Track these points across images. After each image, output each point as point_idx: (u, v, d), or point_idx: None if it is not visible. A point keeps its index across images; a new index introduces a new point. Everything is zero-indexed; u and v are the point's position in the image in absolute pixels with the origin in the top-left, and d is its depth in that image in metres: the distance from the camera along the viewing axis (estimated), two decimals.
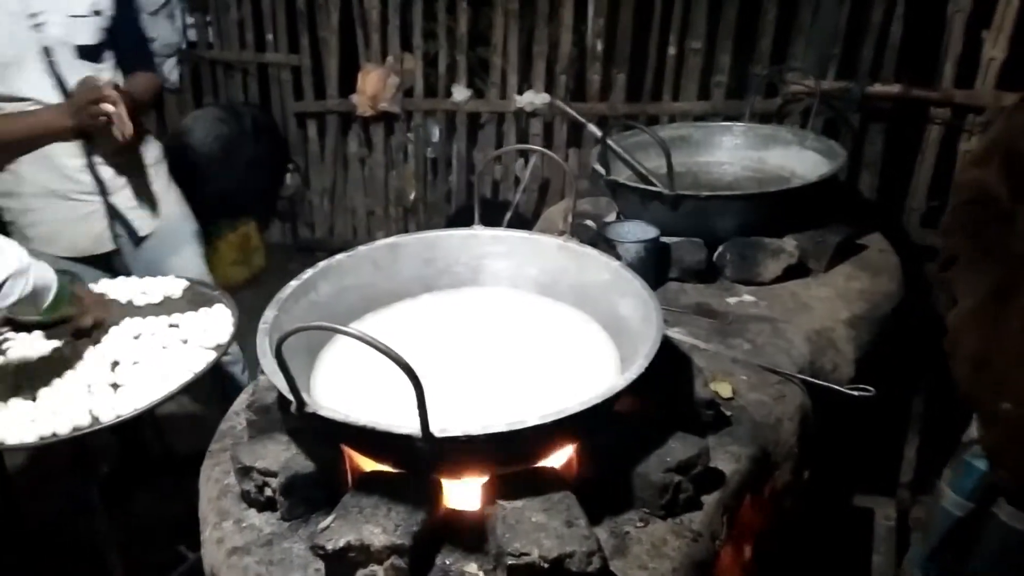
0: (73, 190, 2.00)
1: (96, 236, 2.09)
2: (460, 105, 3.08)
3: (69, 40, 1.89)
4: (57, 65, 1.88)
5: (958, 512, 1.39)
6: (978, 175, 1.37)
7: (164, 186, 2.21)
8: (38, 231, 2.04)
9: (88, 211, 2.04)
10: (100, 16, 1.94)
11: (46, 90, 1.89)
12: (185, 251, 2.23)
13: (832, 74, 2.44)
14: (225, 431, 1.38)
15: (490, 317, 1.45)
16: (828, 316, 1.68)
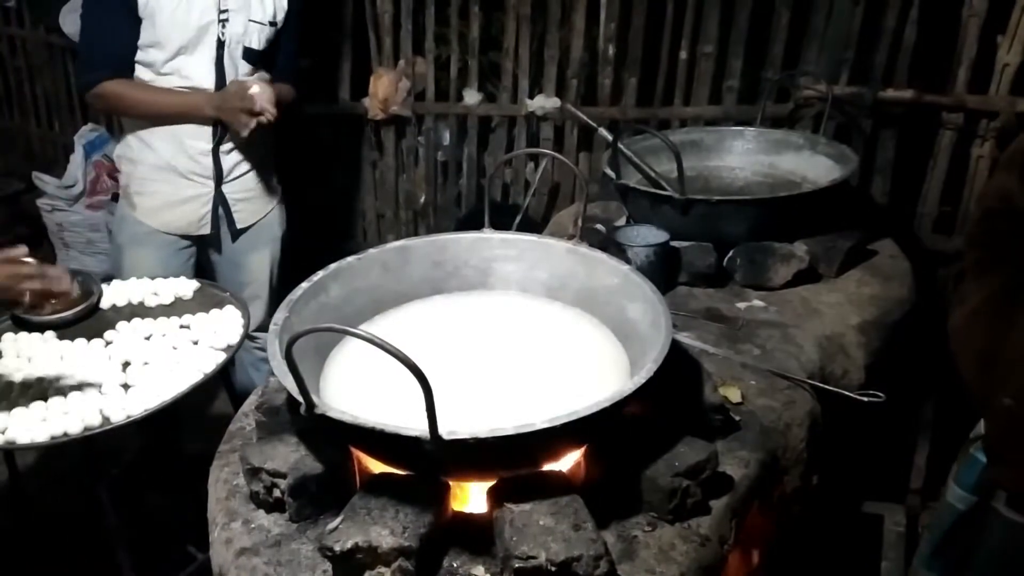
0: (191, 170, 2.14)
1: (196, 219, 2.21)
2: (471, 109, 3.08)
3: (243, 41, 2.07)
4: (224, 59, 2.06)
5: (961, 506, 1.38)
6: (1002, 182, 1.35)
7: (272, 184, 2.33)
8: (146, 201, 2.18)
9: (197, 194, 2.17)
10: (273, 27, 2.13)
11: (206, 77, 2.06)
12: (266, 251, 2.33)
13: (844, 79, 2.43)
14: (234, 432, 1.39)
15: (499, 320, 1.45)
16: (839, 321, 1.67)
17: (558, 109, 2.89)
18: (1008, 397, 1.23)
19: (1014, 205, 1.31)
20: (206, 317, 1.78)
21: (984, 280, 1.31)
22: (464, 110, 3.10)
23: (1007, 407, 1.23)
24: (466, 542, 1.09)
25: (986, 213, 1.39)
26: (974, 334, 1.30)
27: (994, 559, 1.35)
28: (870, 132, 2.44)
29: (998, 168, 1.40)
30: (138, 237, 2.19)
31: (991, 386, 1.26)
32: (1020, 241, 1.29)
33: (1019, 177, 1.31)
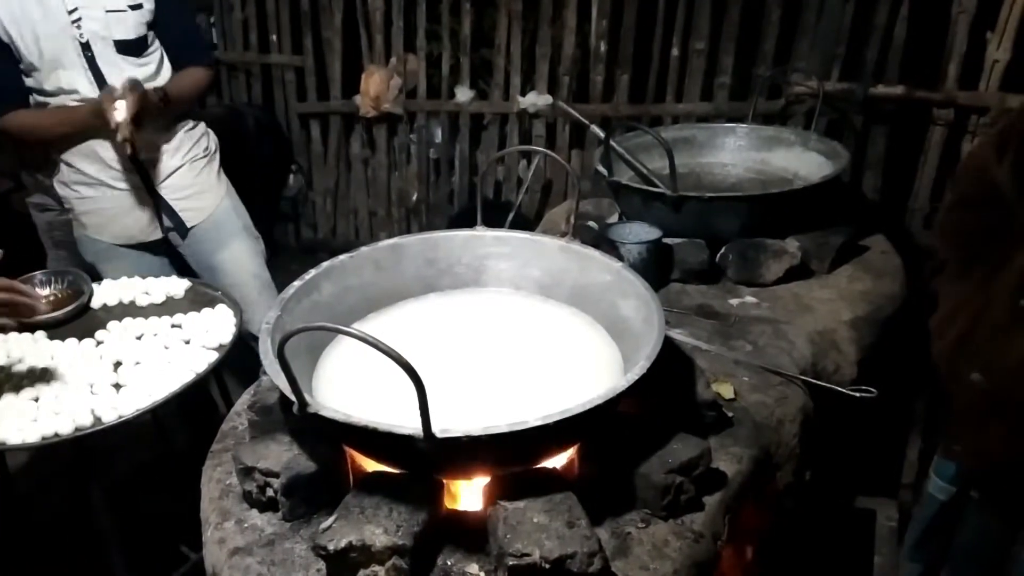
0: (119, 180, 2.07)
1: (144, 225, 2.15)
2: (463, 106, 3.08)
3: (107, 35, 1.93)
4: (96, 60, 1.93)
5: (942, 496, 1.40)
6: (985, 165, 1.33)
7: (214, 179, 2.24)
8: (91, 219, 2.12)
9: (135, 201, 2.11)
10: (140, 10, 1.97)
11: (85, 85, 1.94)
12: (234, 246, 2.25)
13: (836, 75, 2.44)
14: (227, 431, 1.38)
15: (492, 318, 1.45)
16: (830, 317, 1.68)
17: (550, 106, 2.89)
18: (976, 372, 1.24)
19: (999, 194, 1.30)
20: (198, 316, 1.77)
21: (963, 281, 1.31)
22: (456, 107, 3.10)
23: (975, 382, 1.24)
24: (460, 540, 1.09)
25: (962, 199, 1.37)
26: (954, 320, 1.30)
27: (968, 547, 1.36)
28: (861, 128, 2.45)
29: (979, 151, 1.37)
30: (101, 254, 2.15)
31: (962, 363, 1.27)
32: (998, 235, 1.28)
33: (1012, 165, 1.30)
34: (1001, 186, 1.29)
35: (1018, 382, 1.18)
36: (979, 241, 1.31)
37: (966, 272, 1.32)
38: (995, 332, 1.22)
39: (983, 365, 1.23)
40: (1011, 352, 1.19)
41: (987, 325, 1.24)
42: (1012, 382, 1.19)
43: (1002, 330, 1.21)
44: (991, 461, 1.26)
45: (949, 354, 1.31)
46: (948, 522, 1.40)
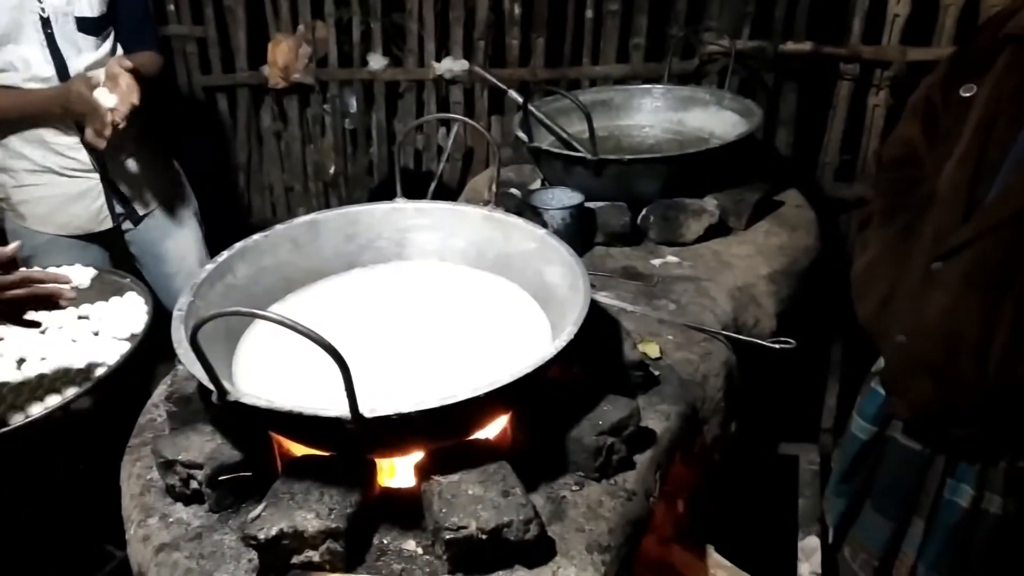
0: (68, 167, 1.95)
1: (93, 214, 2.04)
2: (377, 74, 2.99)
3: (69, 11, 1.84)
4: (55, 37, 1.83)
5: (863, 436, 1.47)
6: (906, 131, 1.42)
7: (163, 165, 2.16)
8: (32, 208, 1.99)
9: (84, 188, 1.99)
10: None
11: (42, 64, 1.83)
12: (182, 233, 2.19)
13: (746, 33, 2.47)
14: (144, 424, 1.32)
15: (417, 291, 1.43)
16: (749, 273, 1.72)
17: (467, 72, 2.84)
18: (901, 334, 1.30)
19: (916, 152, 1.38)
20: (106, 306, 1.68)
21: (885, 228, 1.38)
22: (370, 75, 3.01)
23: (900, 343, 1.31)
24: (396, 517, 1.08)
25: (891, 161, 1.46)
26: (876, 279, 1.37)
27: (889, 481, 1.44)
28: (773, 85, 2.49)
29: (902, 119, 1.47)
30: (42, 247, 2.02)
31: (888, 325, 1.33)
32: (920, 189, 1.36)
33: (921, 125, 1.37)
34: (917, 144, 1.37)
35: (934, 340, 1.25)
36: (902, 193, 1.38)
37: (887, 221, 1.38)
38: (912, 295, 1.28)
39: (908, 328, 1.29)
40: (928, 313, 1.25)
41: (905, 288, 1.30)
42: (930, 341, 1.25)
43: (918, 291, 1.27)
44: (923, 414, 1.33)
45: (874, 317, 1.37)
46: (870, 459, 1.47)
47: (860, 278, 1.41)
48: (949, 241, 1.21)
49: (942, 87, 1.35)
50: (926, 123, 1.37)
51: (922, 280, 1.25)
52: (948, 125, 1.31)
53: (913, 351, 1.28)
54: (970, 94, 1.27)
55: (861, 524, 1.49)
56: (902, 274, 1.31)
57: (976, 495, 1.31)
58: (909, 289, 1.28)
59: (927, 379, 1.27)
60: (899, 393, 1.35)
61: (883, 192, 1.46)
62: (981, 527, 1.33)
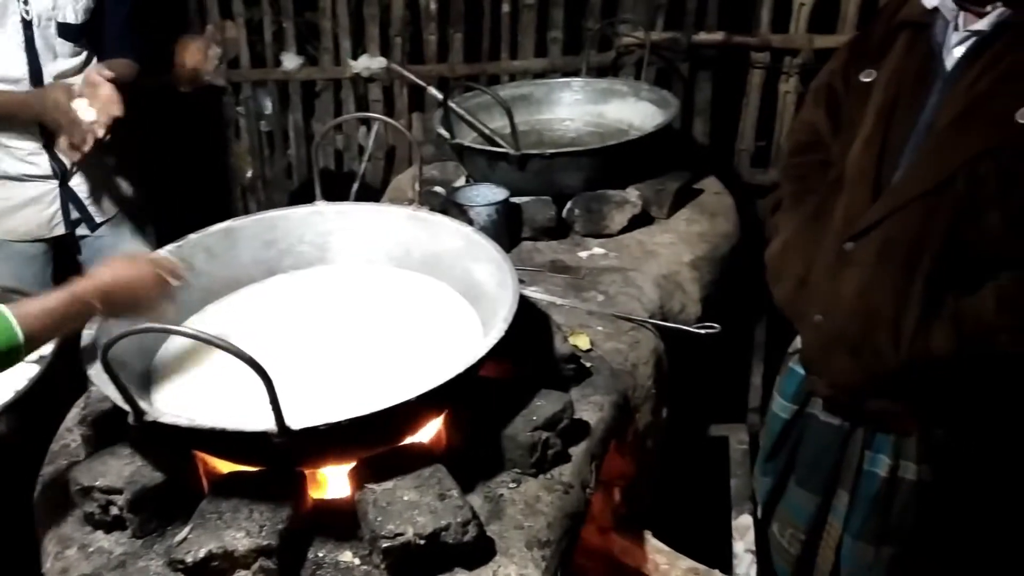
0: (25, 172, 1.85)
1: (45, 220, 1.93)
2: (291, 74, 2.92)
3: (55, 15, 1.77)
4: (36, 40, 1.75)
5: (785, 414, 1.52)
6: (809, 116, 1.47)
7: (128, 175, 2.06)
8: None
9: (37, 194, 1.89)
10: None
11: (14, 64, 1.75)
12: (135, 244, 2.08)
13: (661, 25, 2.51)
14: (57, 451, 1.26)
15: (342, 295, 1.40)
16: (673, 260, 1.75)
17: (384, 69, 2.80)
18: (818, 314, 1.35)
19: (821, 137, 1.44)
20: None
21: (796, 211, 1.42)
22: (284, 75, 2.94)
23: (817, 323, 1.35)
24: (330, 529, 1.05)
25: (797, 146, 1.51)
26: (789, 261, 1.41)
27: (811, 457, 1.50)
28: (688, 75, 2.54)
29: (805, 104, 1.52)
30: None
31: (805, 305, 1.38)
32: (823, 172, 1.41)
33: (824, 110, 1.43)
34: (821, 129, 1.42)
35: (850, 318, 1.29)
36: (810, 177, 1.43)
37: (797, 204, 1.43)
38: (827, 275, 1.32)
39: (824, 308, 1.34)
40: (842, 291, 1.29)
41: (820, 269, 1.34)
42: (845, 318, 1.30)
43: (832, 271, 1.31)
44: (842, 389, 1.38)
45: (790, 298, 1.41)
46: (792, 437, 1.52)
47: (775, 261, 1.45)
48: (860, 221, 1.26)
49: (843, 73, 1.41)
50: (829, 108, 1.43)
51: (836, 260, 1.30)
52: (851, 110, 1.36)
53: (830, 329, 1.33)
54: (870, 79, 1.33)
55: (787, 500, 1.54)
56: (816, 255, 1.35)
57: (893, 464, 1.37)
58: (823, 269, 1.33)
59: (844, 355, 1.32)
60: (818, 371, 1.40)
61: (791, 177, 1.51)
62: (899, 494, 1.39)
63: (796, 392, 1.49)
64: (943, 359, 1.23)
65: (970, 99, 1.18)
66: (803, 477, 1.50)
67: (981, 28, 1.19)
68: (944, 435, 1.35)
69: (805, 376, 1.45)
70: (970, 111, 1.18)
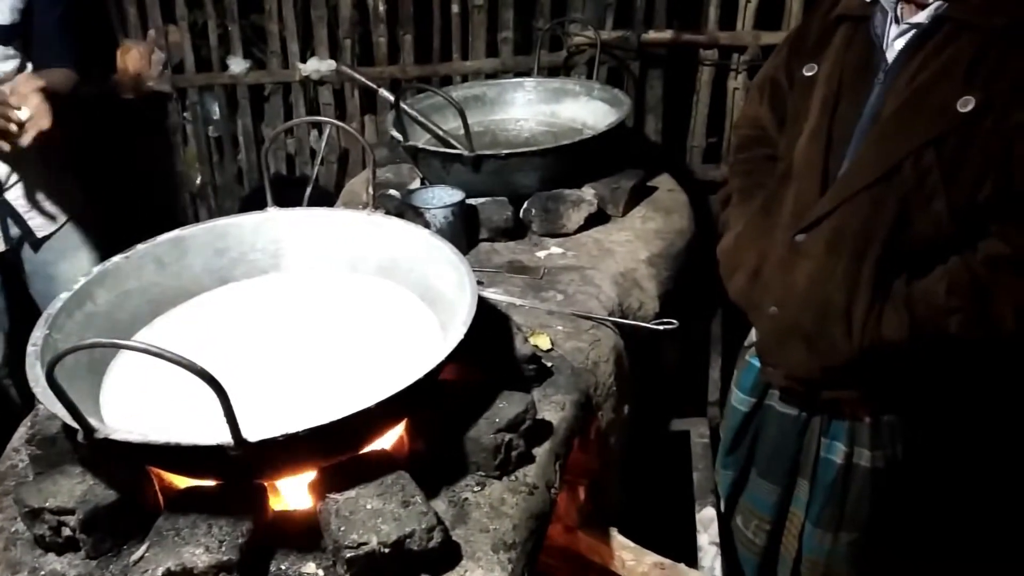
0: None
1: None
2: (239, 77, 2.87)
3: None
4: None
5: (743, 407, 1.54)
6: (753, 111, 1.50)
7: (69, 185, 1.97)
8: None
9: None
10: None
11: None
12: (79, 256, 2.00)
13: (610, 24, 2.53)
14: (4, 472, 1.21)
15: (297, 303, 1.37)
16: (630, 258, 1.76)
17: (334, 72, 2.76)
18: (773, 305, 1.37)
19: (766, 131, 1.46)
20: None
21: (746, 206, 1.45)
22: (231, 79, 2.89)
23: (772, 315, 1.38)
24: (293, 541, 1.03)
25: (743, 141, 1.54)
26: (742, 255, 1.43)
27: (771, 448, 1.52)
28: (639, 73, 2.57)
29: (748, 99, 1.54)
30: None
31: (758, 297, 1.40)
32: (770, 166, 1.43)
33: (768, 104, 1.45)
34: (765, 123, 1.44)
35: (804, 308, 1.32)
36: (757, 172, 1.45)
37: (747, 199, 1.45)
38: (780, 266, 1.35)
39: (778, 299, 1.36)
40: (795, 282, 1.32)
41: (772, 261, 1.36)
42: (799, 309, 1.32)
43: (785, 264, 1.33)
44: (797, 379, 1.40)
45: (744, 291, 1.43)
46: (751, 430, 1.54)
47: (727, 255, 1.47)
48: (809, 213, 1.29)
49: (786, 68, 1.43)
50: (773, 103, 1.45)
51: (787, 252, 1.33)
52: (795, 103, 1.39)
53: (784, 320, 1.35)
54: (812, 73, 1.35)
55: (749, 492, 1.57)
56: (767, 248, 1.38)
57: (848, 451, 1.41)
58: (776, 261, 1.35)
59: (799, 346, 1.34)
60: (773, 362, 1.43)
61: (739, 172, 1.53)
62: (854, 481, 1.42)
63: (753, 385, 1.51)
64: (896, 344, 1.26)
65: (912, 90, 1.21)
66: (764, 468, 1.52)
67: (920, 21, 1.22)
68: (896, 421, 1.39)
69: (761, 368, 1.48)
70: (912, 102, 1.21)
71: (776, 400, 1.48)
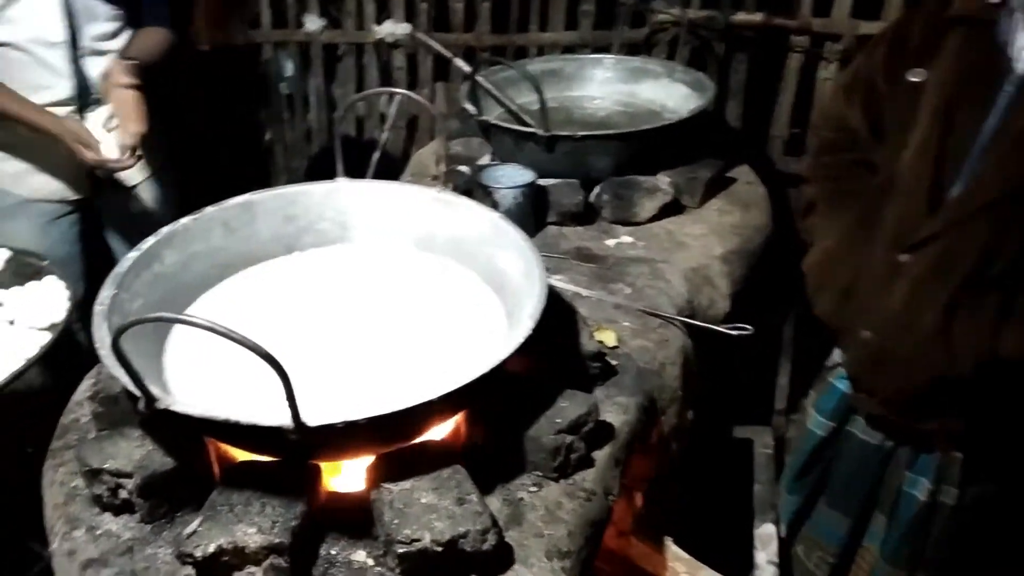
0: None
1: (71, 182, 1.90)
2: (314, 36, 2.84)
3: None
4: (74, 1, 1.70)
5: (821, 432, 1.46)
6: (841, 111, 1.39)
7: (157, 139, 1.98)
8: (5, 167, 1.84)
9: (61, 154, 1.80)
10: None
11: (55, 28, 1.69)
12: (161, 209, 2.04)
13: (697, 3, 2.42)
14: (67, 425, 1.22)
15: (362, 276, 1.35)
16: (703, 253, 1.69)
17: (409, 36, 2.72)
18: (867, 330, 1.28)
19: (856, 136, 1.35)
20: (22, 291, 1.55)
21: (836, 216, 1.35)
22: (306, 37, 2.86)
23: (865, 339, 1.28)
24: (344, 526, 1.01)
25: (826, 144, 1.43)
26: (833, 272, 1.34)
27: (847, 477, 1.44)
28: (723, 56, 2.45)
29: (832, 98, 1.42)
30: (7, 210, 1.86)
31: (850, 320, 1.31)
32: (860, 173, 1.33)
33: (860, 107, 1.33)
34: (857, 130, 1.33)
35: (902, 333, 1.23)
36: (845, 179, 1.35)
37: (836, 208, 1.36)
38: (876, 286, 1.25)
39: (873, 324, 1.27)
40: (893, 306, 1.23)
41: (868, 280, 1.27)
42: (896, 333, 1.23)
43: (883, 284, 1.24)
44: (895, 409, 1.31)
45: (834, 311, 1.34)
46: (826, 455, 1.46)
47: (816, 271, 1.38)
48: (916, 233, 1.19)
49: (885, 70, 1.30)
50: (866, 106, 1.33)
51: (886, 272, 1.23)
52: (898, 111, 1.26)
53: (880, 345, 1.26)
54: (919, 79, 1.22)
55: (815, 521, 1.49)
56: (862, 266, 1.28)
57: (933, 487, 1.32)
58: (871, 281, 1.26)
59: (896, 373, 1.25)
60: (866, 388, 1.34)
61: (823, 177, 1.42)
62: (938, 519, 1.34)
63: (834, 409, 1.43)
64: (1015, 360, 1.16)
65: None
66: (836, 498, 1.44)
67: None
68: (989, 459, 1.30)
69: (848, 393, 1.39)
70: None
71: (859, 427, 1.39)
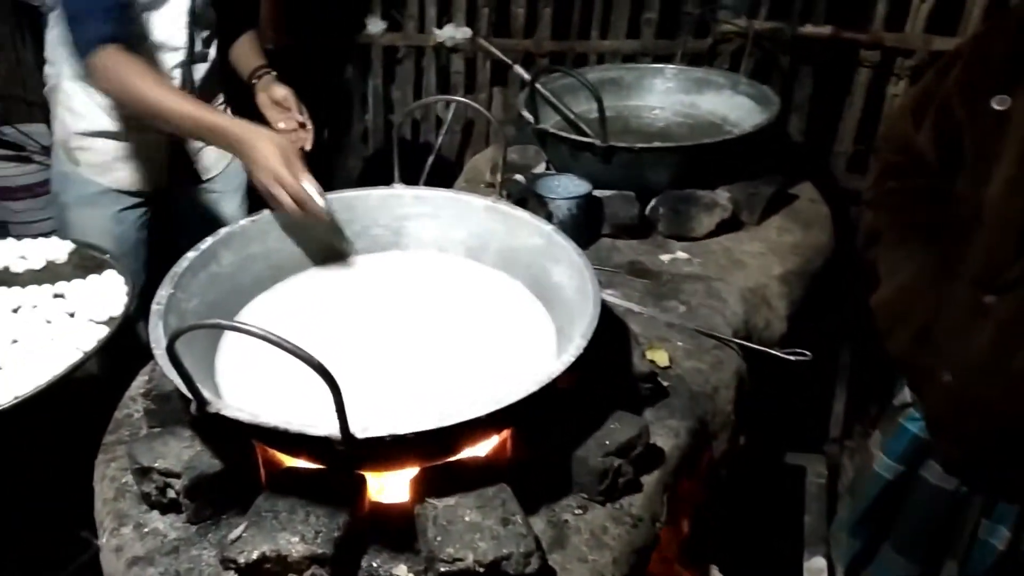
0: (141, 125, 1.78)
1: (153, 173, 1.92)
2: (374, 38, 2.87)
3: None
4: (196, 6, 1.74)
5: (888, 475, 1.38)
6: (905, 133, 1.31)
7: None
8: (88, 156, 1.86)
9: (150, 146, 1.86)
10: None
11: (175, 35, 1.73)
12: (235, 200, 2.08)
13: (764, 14, 2.37)
14: (121, 420, 1.24)
15: (414, 284, 1.35)
16: (762, 273, 1.64)
17: (469, 40, 2.72)
18: (947, 373, 1.21)
19: (923, 162, 1.27)
20: (83, 284, 1.58)
21: (907, 250, 1.27)
22: (367, 39, 2.89)
23: (946, 383, 1.21)
24: (387, 538, 1.01)
25: (889, 167, 1.35)
26: (909, 310, 1.26)
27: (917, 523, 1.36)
28: (788, 69, 2.40)
29: (899, 118, 1.34)
30: (86, 198, 1.89)
31: (928, 362, 1.24)
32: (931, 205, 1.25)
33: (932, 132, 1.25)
34: (925, 155, 1.26)
35: (989, 379, 1.16)
36: (915, 210, 1.28)
37: (906, 241, 1.29)
38: (958, 328, 1.18)
39: (954, 367, 1.20)
40: (977, 348, 1.16)
41: (949, 320, 1.20)
42: (982, 378, 1.16)
43: (966, 326, 1.17)
44: (977, 457, 1.25)
45: (910, 352, 1.27)
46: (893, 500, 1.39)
47: (889, 308, 1.29)
48: (1004, 275, 1.11)
49: (963, 95, 1.21)
50: (939, 132, 1.24)
51: (970, 313, 1.16)
52: (979, 141, 1.17)
53: (963, 390, 1.18)
54: (1004, 107, 1.13)
55: (878, 567, 1.42)
56: (942, 306, 1.21)
57: (1013, 537, 1.24)
58: (953, 323, 1.19)
59: (981, 420, 1.18)
60: (948, 436, 1.26)
61: (888, 206, 1.34)
62: (1016, 569, 1.26)
63: (905, 452, 1.35)
64: None
65: None
66: (903, 543, 1.37)
67: None
68: None
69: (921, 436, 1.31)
70: None
71: (933, 472, 1.31)
